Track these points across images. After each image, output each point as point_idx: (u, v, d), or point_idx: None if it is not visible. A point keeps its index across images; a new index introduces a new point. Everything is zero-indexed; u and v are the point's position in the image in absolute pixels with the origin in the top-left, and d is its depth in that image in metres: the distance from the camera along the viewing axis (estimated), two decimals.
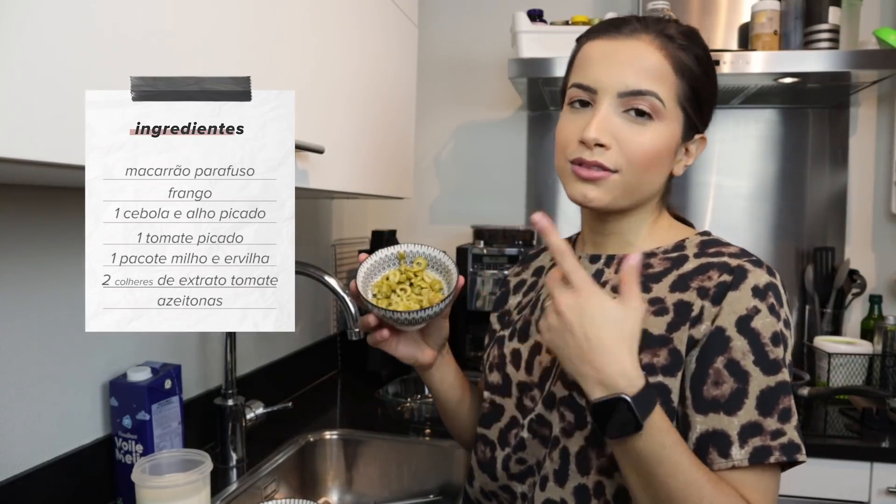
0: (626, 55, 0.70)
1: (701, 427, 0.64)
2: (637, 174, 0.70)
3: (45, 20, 0.51)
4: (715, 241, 0.75)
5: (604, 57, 0.71)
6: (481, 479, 0.81)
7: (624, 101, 0.69)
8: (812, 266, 1.84)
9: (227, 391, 1.19)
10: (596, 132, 0.68)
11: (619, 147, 0.69)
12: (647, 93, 0.68)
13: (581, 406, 0.70)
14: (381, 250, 0.82)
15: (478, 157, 2.11)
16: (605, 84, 0.70)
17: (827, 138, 1.88)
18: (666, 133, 0.70)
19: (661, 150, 0.71)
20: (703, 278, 0.69)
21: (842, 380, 1.61)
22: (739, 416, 0.63)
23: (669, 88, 0.70)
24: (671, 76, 0.70)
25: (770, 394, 0.64)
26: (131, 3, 0.61)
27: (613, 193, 0.71)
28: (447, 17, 2.08)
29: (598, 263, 0.78)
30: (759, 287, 0.66)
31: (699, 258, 0.72)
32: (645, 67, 0.69)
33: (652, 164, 0.71)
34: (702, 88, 0.72)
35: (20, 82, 0.49)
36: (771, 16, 1.60)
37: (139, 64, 0.62)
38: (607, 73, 0.70)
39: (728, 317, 0.66)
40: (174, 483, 0.81)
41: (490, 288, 1.80)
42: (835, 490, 1.36)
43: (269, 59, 0.86)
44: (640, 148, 0.69)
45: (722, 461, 0.63)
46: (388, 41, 1.30)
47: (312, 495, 1.32)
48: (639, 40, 0.70)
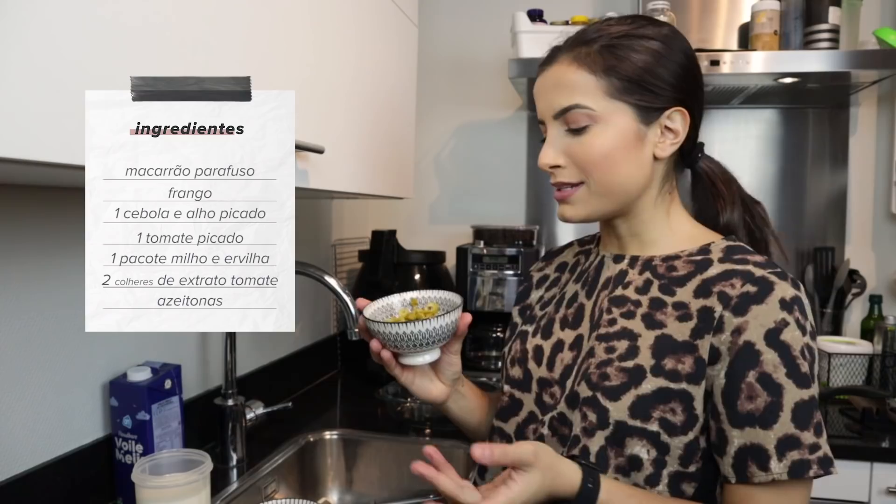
0: (549, 82, 0.76)
1: (738, 441, 0.66)
2: (600, 178, 0.74)
3: (45, 20, 0.51)
4: (741, 247, 0.74)
5: (540, 90, 0.78)
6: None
7: (562, 121, 0.74)
8: (812, 266, 1.84)
9: (227, 391, 1.19)
10: (545, 158, 0.75)
11: (572, 161, 0.74)
12: (571, 107, 0.73)
13: (605, 407, 0.70)
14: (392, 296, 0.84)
15: (478, 157, 2.11)
16: (543, 112, 0.77)
17: (827, 138, 1.88)
18: (610, 131, 0.72)
19: (611, 148, 0.72)
20: (725, 284, 0.69)
21: (842, 380, 1.61)
22: (775, 429, 0.64)
23: (594, 92, 0.72)
24: (591, 81, 0.72)
25: (804, 407, 0.65)
26: (131, 5, 0.61)
27: (587, 204, 0.76)
28: (447, 17, 2.08)
29: (622, 263, 0.79)
30: (786, 300, 0.67)
31: (723, 263, 0.72)
32: (564, 85, 0.74)
33: (609, 164, 0.73)
34: (639, 70, 0.72)
35: (20, 82, 0.49)
36: (771, 16, 1.60)
37: (138, 64, 0.62)
38: (542, 102, 0.77)
39: (756, 330, 0.66)
40: (174, 483, 0.81)
41: (490, 288, 1.80)
42: (835, 490, 1.36)
43: (269, 59, 0.86)
44: (588, 156, 0.73)
45: (762, 474, 0.64)
46: (388, 41, 1.30)
47: (312, 495, 1.32)
48: (559, 63, 0.75)
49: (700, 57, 1.52)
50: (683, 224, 0.79)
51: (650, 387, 0.69)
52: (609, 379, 0.71)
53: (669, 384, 0.68)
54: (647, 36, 0.73)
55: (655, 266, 0.76)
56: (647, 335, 0.72)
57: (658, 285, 0.74)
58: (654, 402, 0.68)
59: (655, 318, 0.72)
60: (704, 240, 0.77)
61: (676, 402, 0.68)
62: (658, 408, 0.68)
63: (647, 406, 0.68)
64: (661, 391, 0.68)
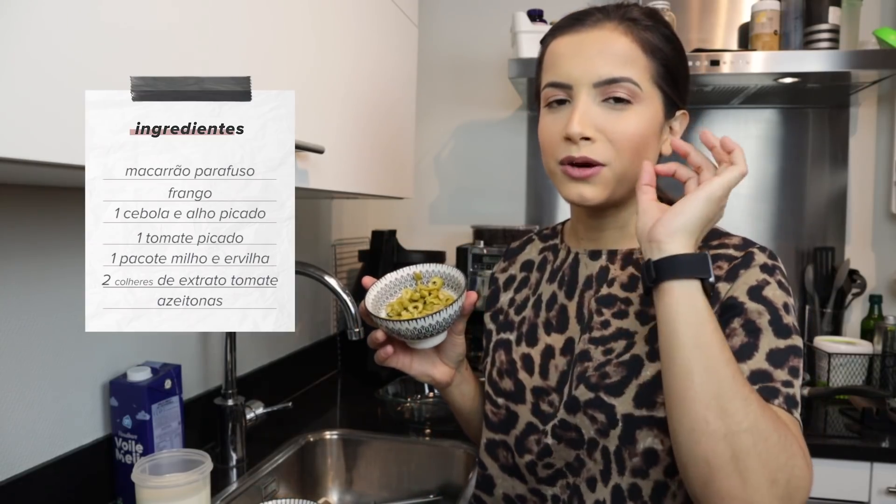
0: (593, 45, 0.70)
1: None
2: (626, 162, 0.70)
3: (46, 20, 0.51)
4: (716, 231, 0.75)
5: (572, 51, 0.71)
6: (507, 483, 0.79)
7: (601, 91, 0.69)
8: (812, 266, 1.84)
9: (227, 391, 1.19)
10: (579, 126, 0.68)
11: (605, 137, 0.69)
12: (622, 79, 0.68)
13: (610, 405, 0.69)
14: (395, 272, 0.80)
15: (478, 157, 2.11)
16: (578, 77, 0.70)
17: (827, 138, 1.88)
18: (647, 115, 0.70)
19: (646, 132, 0.71)
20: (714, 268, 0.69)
21: (842, 380, 1.61)
22: (749, 364, 0.63)
23: (643, 70, 0.70)
24: (642, 58, 0.70)
25: (780, 352, 0.64)
26: (131, 5, 0.61)
27: (608, 187, 0.71)
28: (447, 17, 2.08)
29: (601, 260, 0.78)
30: (767, 265, 0.69)
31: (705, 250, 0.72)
32: (614, 53, 0.69)
33: (639, 149, 0.71)
34: (674, 65, 0.72)
35: (20, 82, 0.49)
36: (771, 16, 1.60)
37: (138, 64, 0.62)
38: (579, 66, 0.70)
39: (740, 287, 0.67)
40: (174, 483, 0.81)
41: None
42: (835, 490, 1.36)
43: (269, 59, 0.86)
44: (625, 135, 0.69)
45: None
46: (388, 41, 1.30)
47: (312, 495, 1.32)
48: (603, 29, 0.70)
49: (700, 57, 1.53)
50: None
51: (650, 373, 0.68)
52: (609, 377, 0.70)
53: None
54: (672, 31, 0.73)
55: (637, 259, 0.75)
56: (643, 330, 0.71)
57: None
58: (657, 388, 0.67)
59: (649, 314, 0.72)
60: None
61: None
62: (660, 393, 0.67)
63: (650, 393, 0.68)
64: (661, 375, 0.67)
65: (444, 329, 0.74)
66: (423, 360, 0.80)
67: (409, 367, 0.79)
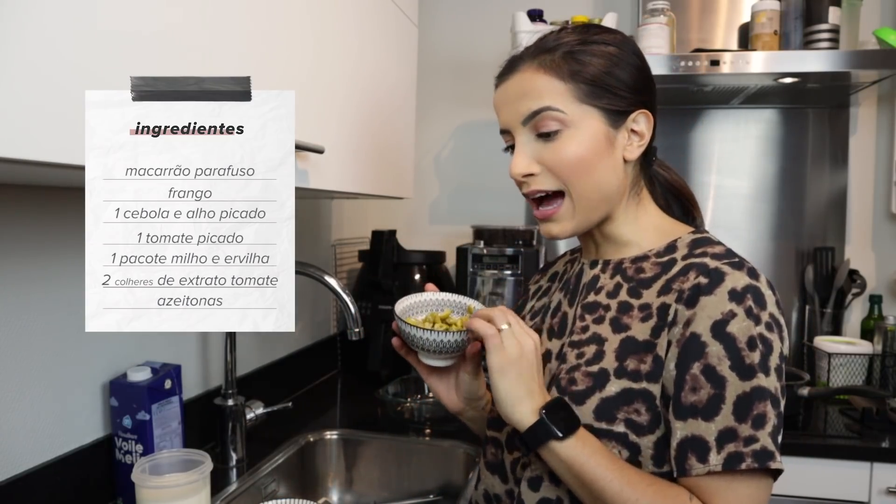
0: (515, 88, 0.75)
1: (681, 433, 0.65)
2: (579, 184, 0.73)
3: (46, 20, 0.51)
4: (705, 239, 0.75)
5: (502, 100, 0.78)
6: (489, 480, 0.81)
7: (531, 127, 0.74)
8: (812, 266, 1.84)
9: (227, 391, 1.19)
10: (517, 167, 0.74)
11: (546, 168, 0.73)
12: (542, 109, 0.72)
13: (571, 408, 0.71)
14: (450, 295, 0.86)
15: (478, 157, 2.11)
16: (509, 121, 0.76)
17: (827, 138, 1.88)
18: (582, 136, 0.72)
19: (586, 153, 0.72)
20: (682, 279, 0.70)
21: (842, 380, 1.61)
22: (717, 421, 0.63)
23: (563, 95, 0.72)
24: (559, 85, 0.72)
25: (745, 399, 0.63)
26: (131, 5, 0.61)
27: (572, 220, 0.75)
28: (447, 17, 2.08)
29: (596, 269, 0.80)
30: (736, 290, 0.66)
31: (685, 260, 0.72)
32: (531, 90, 0.73)
33: (585, 170, 0.72)
34: (601, 75, 0.72)
35: (20, 82, 0.49)
36: (771, 16, 1.60)
37: (138, 64, 0.62)
38: (508, 111, 0.76)
39: (703, 322, 0.65)
40: (174, 483, 0.81)
41: (490, 288, 1.80)
42: (835, 490, 1.36)
43: (269, 59, 0.86)
44: (563, 162, 0.72)
45: (700, 466, 0.63)
46: (387, 41, 1.30)
47: (312, 495, 1.32)
48: (520, 72, 0.75)
49: (700, 57, 1.53)
50: (653, 220, 0.79)
51: (614, 389, 0.69)
52: (576, 384, 0.71)
53: (632, 384, 0.68)
54: (602, 41, 0.74)
55: (625, 269, 0.77)
56: (613, 339, 0.72)
57: (627, 288, 0.75)
58: (619, 404, 0.68)
59: (622, 322, 0.72)
60: (673, 235, 0.77)
61: (640, 402, 0.68)
62: (622, 409, 0.68)
63: (611, 408, 0.68)
64: (624, 392, 0.68)
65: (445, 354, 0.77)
66: (439, 381, 0.85)
67: (425, 378, 0.85)
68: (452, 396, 0.85)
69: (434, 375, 0.84)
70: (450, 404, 0.85)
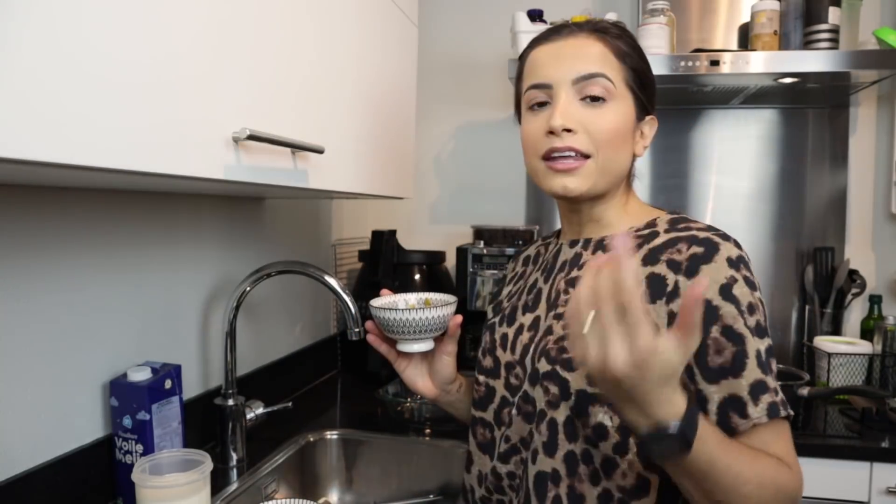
0: (571, 49, 0.77)
1: (717, 396, 0.67)
2: (607, 155, 0.75)
3: (46, 20, 0.51)
4: (684, 218, 0.78)
5: (551, 56, 0.78)
6: (480, 461, 0.83)
7: (579, 89, 0.75)
8: (812, 266, 1.84)
9: (227, 391, 1.19)
10: (562, 118, 0.74)
11: (585, 130, 0.74)
12: (598, 75, 0.74)
13: (565, 379, 0.72)
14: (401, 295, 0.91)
15: (478, 157, 2.11)
16: (558, 77, 0.76)
17: (827, 138, 1.88)
18: (622, 111, 0.76)
19: (622, 129, 0.76)
20: (672, 251, 0.72)
21: (842, 380, 1.61)
22: (745, 375, 0.66)
23: (616, 72, 0.76)
24: (614, 61, 0.76)
25: (764, 354, 0.67)
26: (131, 4, 0.61)
27: (590, 179, 0.76)
28: (447, 17, 2.08)
29: (577, 247, 0.82)
30: (731, 259, 0.70)
31: (668, 233, 0.75)
32: (589, 55, 0.76)
33: (617, 143, 0.76)
34: (643, 71, 0.78)
35: (21, 82, 0.49)
36: (771, 16, 1.60)
37: (142, 58, 0.62)
38: (558, 67, 0.76)
39: (711, 287, 0.68)
40: (174, 483, 0.81)
41: (490, 288, 1.80)
42: (835, 490, 1.36)
43: (269, 59, 0.86)
44: (604, 128, 0.74)
45: (743, 422, 0.65)
46: (388, 41, 1.30)
47: (312, 495, 1.32)
48: (578, 37, 0.77)
49: (700, 57, 1.53)
50: (636, 206, 0.83)
51: None
52: (566, 352, 0.73)
53: None
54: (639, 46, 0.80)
55: (606, 245, 0.80)
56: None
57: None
58: None
59: None
60: (651, 215, 0.81)
61: None
62: None
63: None
64: None
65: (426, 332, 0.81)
66: (414, 370, 0.89)
67: (401, 371, 0.89)
68: (428, 383, 0.89)
69: (409, 365, 0.89)
70: (426, 391, 0.89)
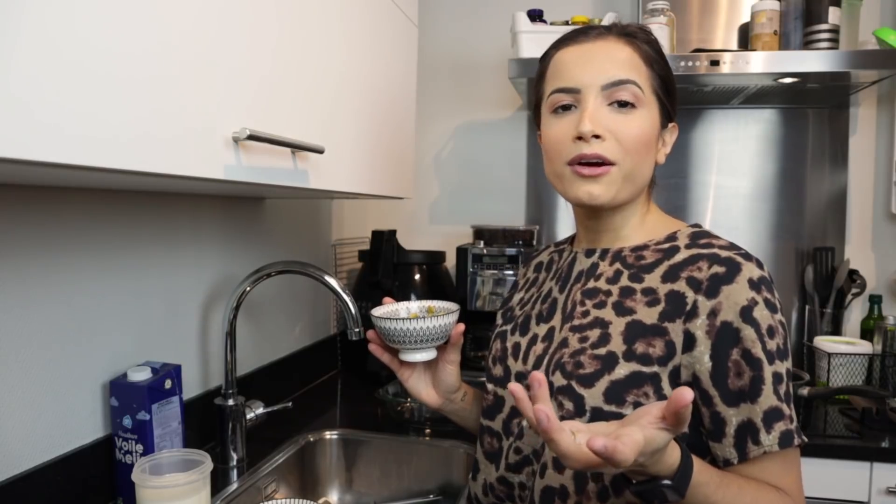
0: (599, 53, 0.74)
1: (736, 419, 0.67)
2: (633, 163, 0.73)
3: (45, 20, 0.51)
4: (705, 233, 0.77)
5: (580, 59, 0.75)
6: (487, 470, 0.82)
7: (607, 94, 0.73)
8: (812, 266, 1.84)
9: (227, 391, 1.19)
10: (591, 124, 0.71)
11: (613, 137, 0.72)
12: (628, 81, 0.72)
13: (580, 395, 0.71)
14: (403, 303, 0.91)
15: (478, 157, 2.11)
16: (586, 81, 0.73)
17: (827, 138, 1.88)
18: (649, 119, 0.74)
19: (649, 136, 0.74)
20: (692, 269, 0.71)
21: (842, 380, 1.61)
22: (760, 402, 0.66)
23: (644, 78, 0.74)
24: (643, 67, 0.74)
25: (779, 379, 0.67)
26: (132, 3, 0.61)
27: (615, 186, 0.74)
28: (447, 17, 2.08)
29: (594, 257, 0.81)
30: (753, 280, 0.68)
31: (690, 249, 0.74)
32: (620, 59, 0.73)
33: (643, 151, 0.74)
34: (668, 78, 0.77)
35: (20, 82, 0.49)
36: (771, 16, 1.60)
37: (137, 60, 0.62)
38: (586, 71, 0.73)
39: (731, 309, 0.67)
40: (174, 483, 0.81)
41: (490, 288, 1.80)
42: (835, 490, 1.36)
43: (268, 59, 0.86)
44: (632, 136, 0.72)
45: (755, 449, 0.65)
46: (388, 41, 1.30)
47: (312, 495, 1.32)
48: (607, 40, 0.75)
49: (700, 57, 1.53)
50: (655, 216, 0.82)
51: (623, 372, 0.69)
52: (583, 367, 0.72)
53: (642, 368, 0.69)
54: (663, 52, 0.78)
55: (625, 256, 0.78)
56: (618, 322, 0.72)
57: (627, 275, 0.76)
58: (628, 387, 0.69)
59: (625, 305, 0.73)
60: (670, 228, 0.79)
61: (648, 386, 0.68)
62: (631, 392, 0.68)
63: (620, 391, 0.69)
64: (633, 375, 0.69)
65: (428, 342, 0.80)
66: (418, 380, 0.89)
67: (405, 381, 0.89)
68: (431, 392, 0.89)
69: (412, 375, 0.88)
70: (430, 401, 0.89)
